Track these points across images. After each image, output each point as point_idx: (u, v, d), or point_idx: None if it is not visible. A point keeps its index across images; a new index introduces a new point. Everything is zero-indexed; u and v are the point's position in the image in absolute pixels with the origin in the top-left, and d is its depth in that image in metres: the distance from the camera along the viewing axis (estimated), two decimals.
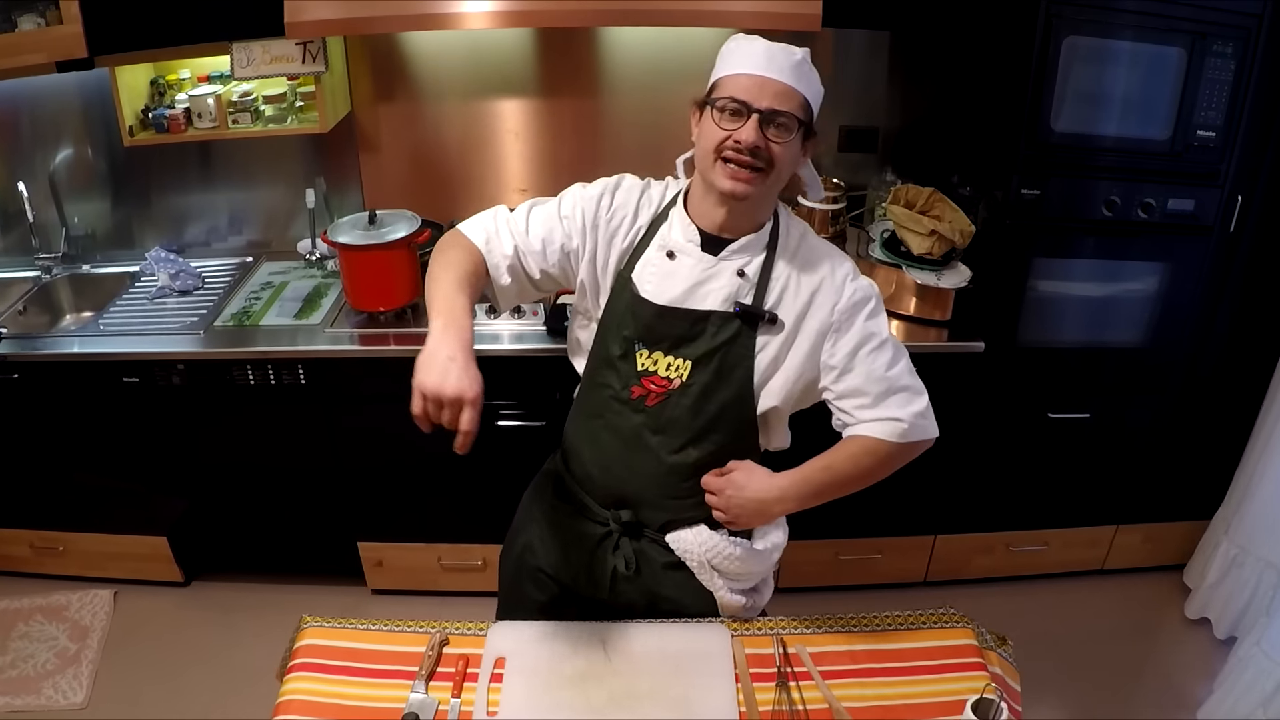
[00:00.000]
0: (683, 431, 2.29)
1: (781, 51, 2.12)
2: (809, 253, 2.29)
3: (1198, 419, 3.93)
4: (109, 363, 3.63)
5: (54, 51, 3.46)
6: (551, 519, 2.53)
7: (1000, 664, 2.32)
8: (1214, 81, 3.27)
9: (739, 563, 2.39)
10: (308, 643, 2.31)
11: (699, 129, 2.20)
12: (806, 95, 2.15)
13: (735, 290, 2.23)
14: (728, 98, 2.10)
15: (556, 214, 2.30)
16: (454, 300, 2.09)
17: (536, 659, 2.22)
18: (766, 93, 2.08)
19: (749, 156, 2.09)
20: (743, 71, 2.11)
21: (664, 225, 2.28)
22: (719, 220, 2.22)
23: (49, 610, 4.11)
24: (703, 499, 2.36)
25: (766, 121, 2.08)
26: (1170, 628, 4.10)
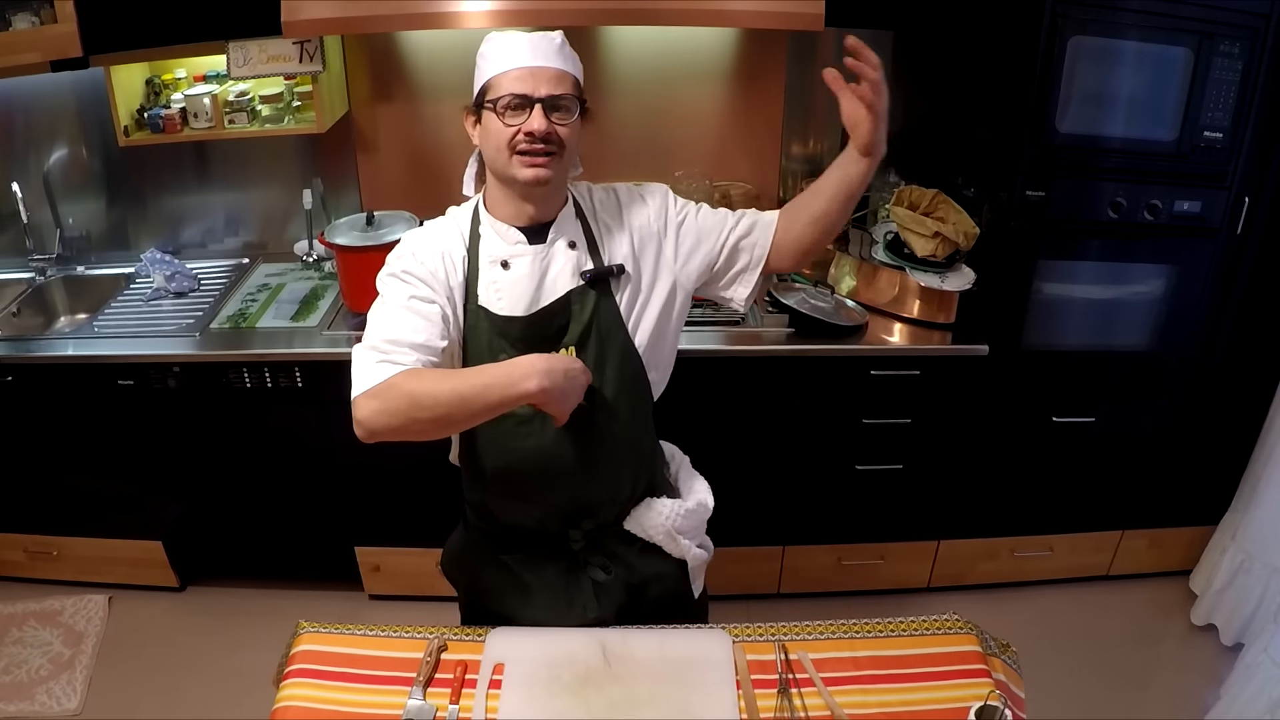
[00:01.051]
0: (597, 411, 2.30)
1: (542, 40, 2.19)
2: (602, 200, 2.40)
3: (1204, 423, 3.93)
4: (104, 365, 3.64)
5: (48, 51, 3.47)
6: (505, 581, 2.50)
7: (1004, 670, 2.32)
8: (1221, 82, 3.27)
9: (693, 515, 2.49)
10: (304, 648, 2.30)
11: (480, 133, 2.27)
12: (574, 74, 2.22)
13: (575, 263, 2.29)
14: (508, 95, 2.15)
15: (403, 297, 2.21)
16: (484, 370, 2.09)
17: (535, 665, 2.22)
18: (541, 81, 2.15)
19: (541, 144, 2.14)
20: (512, 67, 2.17)
21: (481, 244, 2.31)
22: (531, 212, 2.27)
23: (43, 615, 4.11)
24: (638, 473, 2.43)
25: (550, 108, 2.15)
26: (1176, 634, 4.10)
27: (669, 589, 2.52)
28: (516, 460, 2.33)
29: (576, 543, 2.42)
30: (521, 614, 2.46)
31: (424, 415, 2.04)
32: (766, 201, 4.24)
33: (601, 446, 2.33)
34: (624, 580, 2.46)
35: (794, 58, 4.05)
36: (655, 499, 2.45)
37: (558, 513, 2.40)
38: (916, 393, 3.69)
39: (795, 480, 3.85)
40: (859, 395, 3.68)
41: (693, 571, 2.56)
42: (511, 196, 2.27)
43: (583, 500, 2.38)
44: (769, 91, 4.11)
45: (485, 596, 2.54)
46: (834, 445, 3.81)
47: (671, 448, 2.70)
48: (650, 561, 2.49)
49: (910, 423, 3.76)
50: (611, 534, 2.45)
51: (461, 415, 2.06)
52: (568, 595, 2.45)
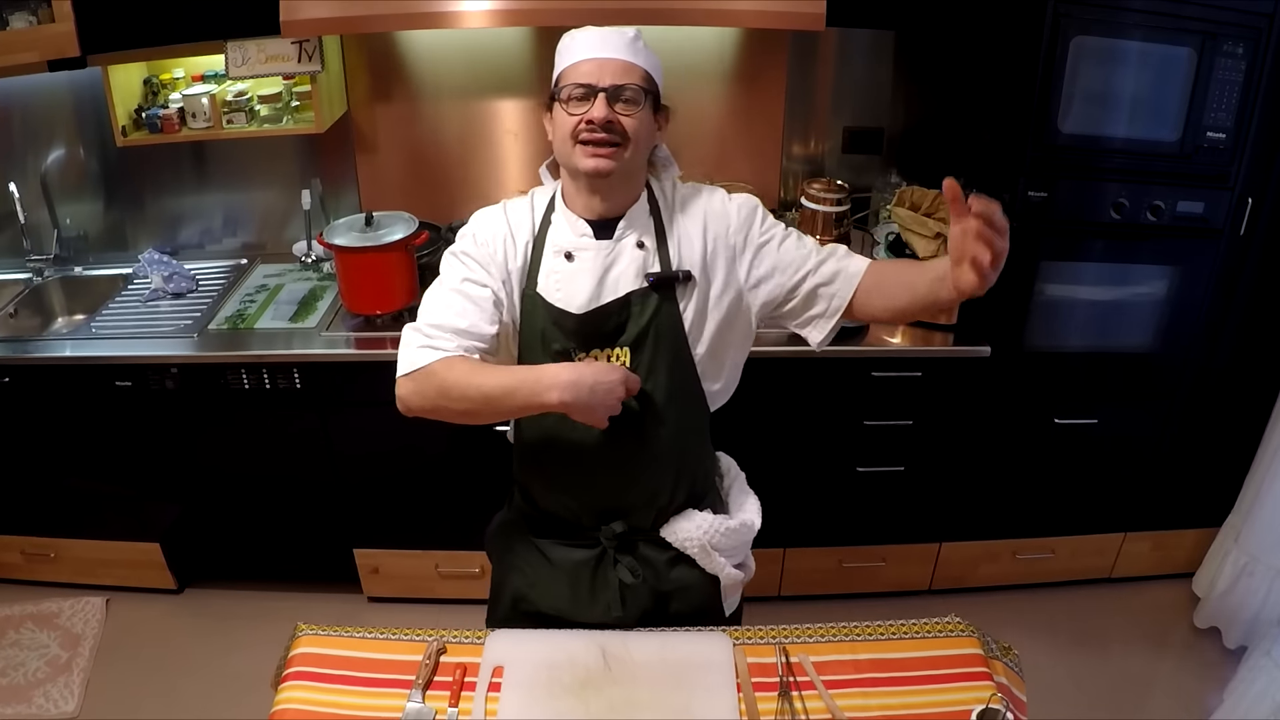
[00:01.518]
0: (645, 416, 2.29)
1: (614, 33, 2.22)
2: (684, 199, 2.36)
3: (1207, 425, 3.93)
4: (101, 366, 3.64)
5: (46, 50, 3.47)
6: (535, 561, 2.51)
7: (1006, 674, 2.32)
8: (1224, 82, 3.27)
9: (734, 534, 2.44)
10: (303, 651, 2.30)
11: (552, 125, 2.26)
12: (646, 68, 2.22)
13: (641, 263, 2.26)
14: (572, 84, 2.17)
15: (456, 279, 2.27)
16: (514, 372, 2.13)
17: (535, 668, 2.22)
18: (607, 71, 2.16)
19: (603, 133, 2.14)
20: (581, 59, 2.19)
21: (550, 231, 2.31)
22: (598, 206, 2.26)
23: (40, 618, 4.11)
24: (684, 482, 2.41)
25: (613, 97, 2.15)
26: (1179, 637, 4.10)
27: (697, 603, 2.48)
28: (559, 451, 2.34)
29: (609, 540, 2.41)
30: (546, 599, 2.48)
31: (454, 406, 2.14)
32: (767, 202, 4.23)
33: (645, 451, 2.32)
34: (651, 586, 2.45)
35: (795, 58, 4.05)
36: (697, 511, 2.42)
37: (593, 508, 2.40)
38: (918, 394, 3.69)
39: (796, 482, 3.85)
40: (860, 397, 3.68)
41: (726, 589, 2.52)
42: (580, 189, 2.27)
43: (619, 500, 2.38)
44: (770, 92, 4.11)
45: (514, 574, 2.55)
46: (835, 447, 3.81)
47: (728, 461, 2.68)
48: (681, 572, 2.46)
49: (912, 424, 3.76)
50: (645, 538, 2.44)
51: (488, 412, 2.14)
52: (593, 590, 2.44)
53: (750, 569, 2.59)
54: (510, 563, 2.57)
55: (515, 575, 2.54)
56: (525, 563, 2.52)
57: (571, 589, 2.45)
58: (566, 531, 2.45)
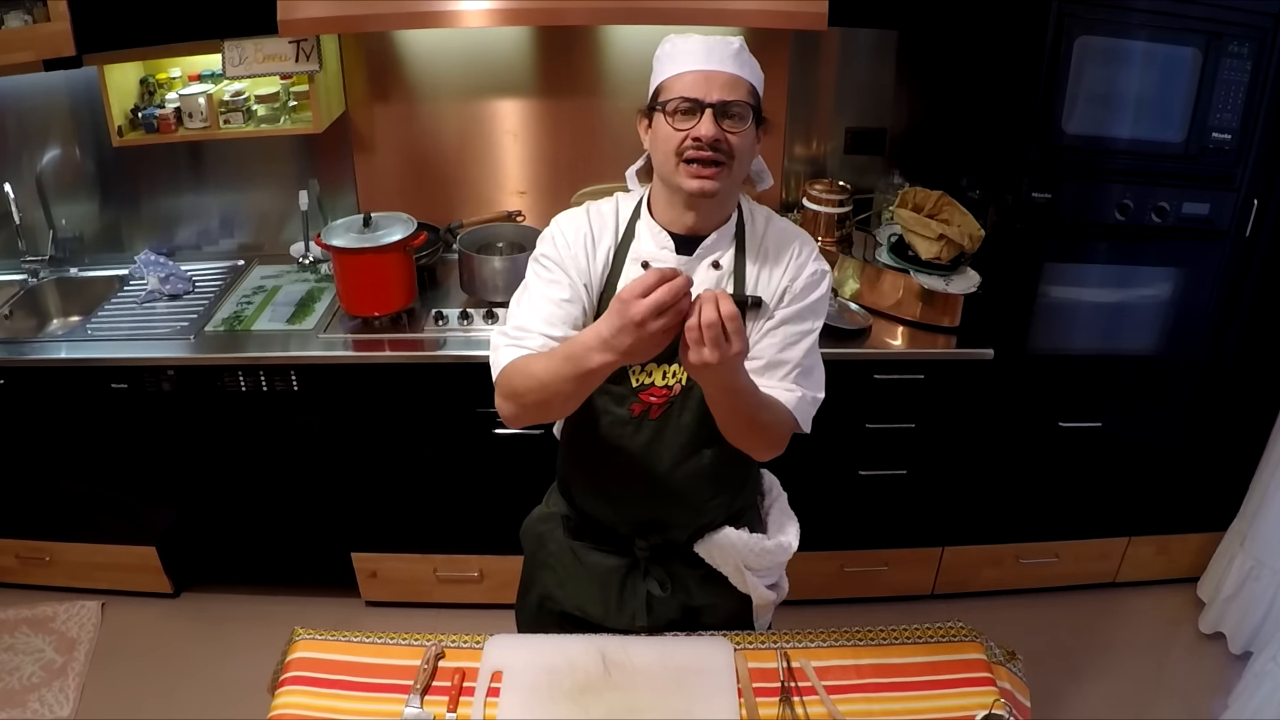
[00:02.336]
0: (693, 436, 2.28)
1: (720, 43, 2.14)
2: (777, 233, 2.31)
3: (1212, 428, 3.93)
4: (97, 368, 3.64)
5: (41, 49, 3.47)
6: (567, 561, 2.51)
7: (1009, 679, 2.32)
8: (1229, 83, 3.27)
9: (769, 555, 2.43)
10: (300, 656, 2.30)
11: (651, 136, 2.20)
12: (752, 81, 2.17)
13: (715, 283, 2.23)
14: (678, 98, 2.10)
15: (538, 284, 2.25)
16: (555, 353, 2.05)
17: (534, 673, 2.22)
18: (715, 85, 2.09)
19: (710, 151, 2.08)
20: (686, 70, 2.11)
21: (633, 240, 2.28)
22: (690, 222, 2.22)
23: (35, 622, 4.11)
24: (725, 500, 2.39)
25: (721, 114, 2.09)
26: (1184, 642, 4.10)
27: (725, 621, 2.47)
28: (603, 457, 2.33)
29: (641, 550, 2.41)
30: (573, 600, 2.49)
31: (527, 402, 2.11)
32: (768, 203, 4.22)
33: (689, 467, 2.31)
34: (680, 600, 2.45)
35: (797, 57, 4.05)
36: (734, 529, 2.40)
37: (632, 518, 2.39)
38: (921, 397, 3.69)
39: (797, 485, 3.84)
40: (862, 400, 3.68)
41: (757, 609, 2.52)
42: (674, 202, 2.21)
43: (658, 513, 2.37)
44: (771, 92, 4.05)
45: (544, 571, 2.56)
46: (837, 450, 3.81)
47: (771, 480, 2.67)
48: (711, 590, 2.46)
49: (914, 428, 3.76)
50: (679, 553, 2.43)
51: (554, 399, 2.07)
52: (621, 597, 2.44)
53: (783, 590, 2.58)
54: (542, 559, 2.57)
55: (545, 573, 2.55)
56: (557, 561, 2.53)
57: (600, 594, 2.45)
58: (602, 536, 2.45)
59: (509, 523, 2.74)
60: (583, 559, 2.48)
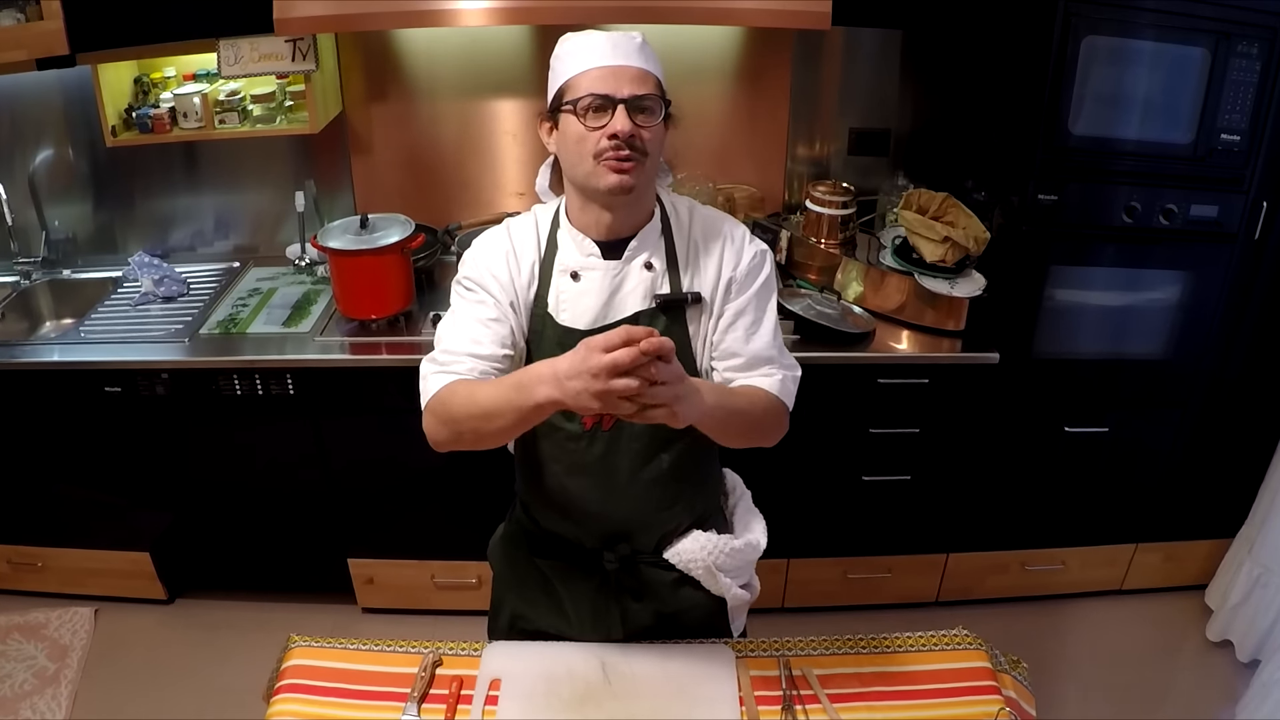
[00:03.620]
0: (649, 444, 2.27)
1: (624, 39, 2.14)
2: (704, 223, 2.30)
3: (1220, 433, 3.93)
4: (90, 372, 3.64)
5: (34, 48, 3.48)
6: (535, 580, 2.51)
7: (1014, 687, 2.32)
8: (1239, 83, 3.27)
9: (739, 554, 2.42)
10: (295, 663, 2.31)
11: (559, 139, 2.19)
12: (656, 74, 2.16)
13: (650, 284, 2.22)
14: (588, 95, 2.07)
15: (464, 306, 2.23)
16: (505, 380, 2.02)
17: (533, 681, 2.22)
18: (624, 80, 2.08)
19: (626, 149, 2.06)
20: (591, 66, 2.10)
21: (557, 252, 2.25)
22: (609, 223, 2.20)
23: (27, 628, 4.11)
24: (688, 503, 2.39)
25: (633, 109, 2.07)
26: (1191, 650, 4.10)
27: (703, 624, 2.47)
28: (560, 472, 2.32)
29: (610, 564, 2.40)
30: (546, 619, 2.48)
31: (464, 429, 2.06)
32: (771, 205, 4.24)
33: (647, 475, 2.30)
34: (655, 609, 2.44)
35: (800, 57, 4.06)
36: (701, 531, 2.40)
37: (595, 532, 2.38)
38: (925, 402, 3.69)
39: (800, 491, 3.85)
40: (866, 404, 3.68)
41: (732, 611, 2.51)
42: (590, 205, 2.19)
43: (622, 524, 2.37)
44: (774, 92, 4.11)
45: (513, 593, 2.55)
46: (840, 455, 3.81)
47: (734, 479, 2.66)
48: (686, 594, 2.45)
49: (918, 432, 3.76)
50: (649, 561, 2.42)
51: (494, 430, 2.03)
52: (594, 614, 2.44)
53: (755, 589, 2.57)
54: (509, 580, 2.57)
55: (514, 594, 2.55)
56: (524, 583, 2.52)
57: (574, 611, 2.45)
58: (568, 553, 2.44)
59: None
60: (552, 580, 2.47)
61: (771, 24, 3.55)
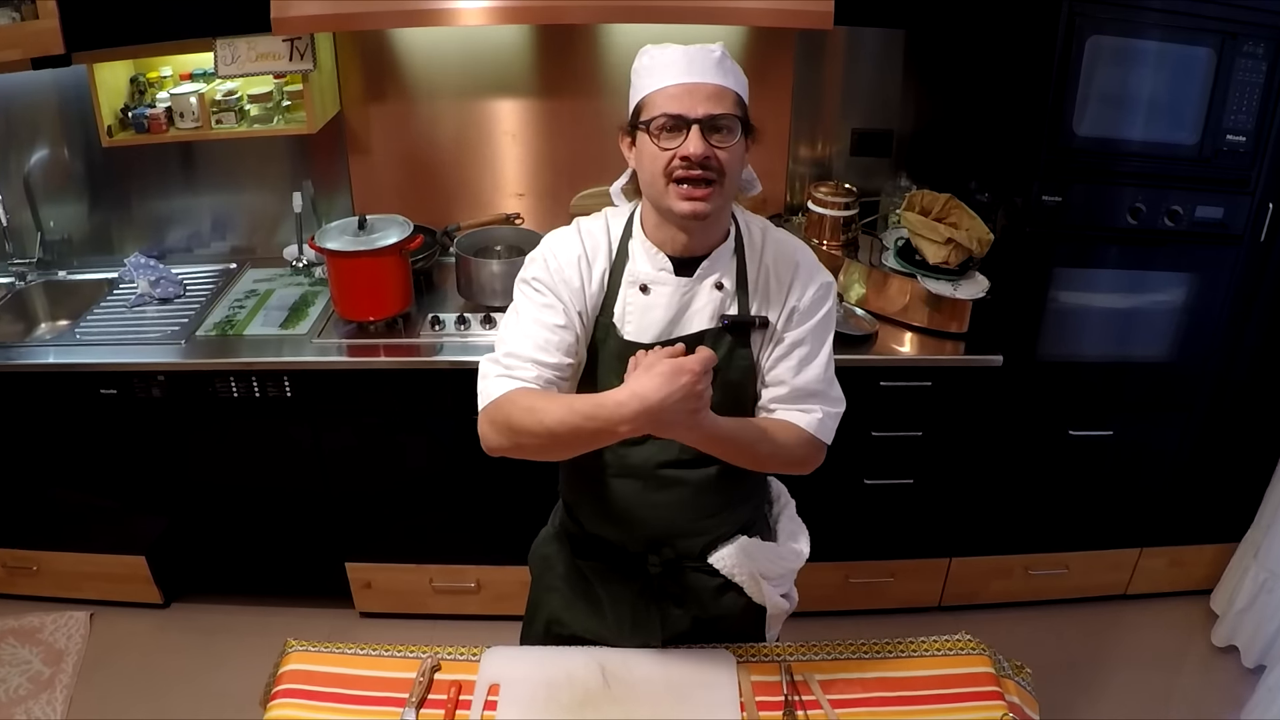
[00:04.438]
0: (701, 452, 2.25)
1: (700, 53, 2.08)
2: (776, 247, 2.27)
3: (1226, 437, 3.93)
4: (86, 374, 3.64)
5: (29, 48, 3.47)
6: (575, 583, 2.51)
7: (1018, 693, 2.32)
8: (1245, 84, 3.27)
9: (783, 562, 2.45)
10: (293, 668, 2.31)
11: (635, 155, 2.17)
12: (737, 90, 2.11)
13: (718, 304, 2.21)
14: (661, 115, 2.05)
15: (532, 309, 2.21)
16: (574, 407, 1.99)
17: (533, 686, 2.22)
18: (699, 98, 2.04)
19: (699, 170, 2.04)
20: (667, 84, 2.06)
21: (628, 261, 2.24)
22: (684, 242, 2.18)
23: (22, 632, 4.11)
24: (735, 510, 2.40)
25: (708, 129, 2.04)
26: (1196, 655, 4.10)
27: (740, 633, 2.47)
28: (610, 476, 2.33)
29: (654, 567, 2.41)
30: (582, 622, 2.48)
31: (525, 444, 2.05)
32: (772, 206, 4.24)
33: (698, 485, 2.31)
34: (694, 615, 2.44)
35: (802, 57, 4.06)
36: (747, 538, 2.41)
37: (640, 536, 2.38)
38: (928, 405, 3.69)
39: (801, 495, 3.84)
40: (868, 407, 3.67)
41: (770, 619, 2.52)
42: (666, 223, 2.17)
43: (667, 530, 2.36)
44: (776, 92, 4.11)
45: (552, 595, 2.55)
46: (842, 459, 3.79)
47: (779, 487, 2.67)
48: (726, 602, 2.45)
49: (921, 436, 3.76)
50: (692, 566, 2.42)
51: (559, 449, 2.05)
52: (634, 618, 2.44)
53: (794, 599, 2.58)
54: (549, 583, 2.57)
55: (553, 596, 2.54)
56: (565, 583, 2.52)
57: (613, 616, 2.45)
58: (611, 556, 2.44)
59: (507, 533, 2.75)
60: (592, 579, 2.48)
61: (773, 24, 3.55)
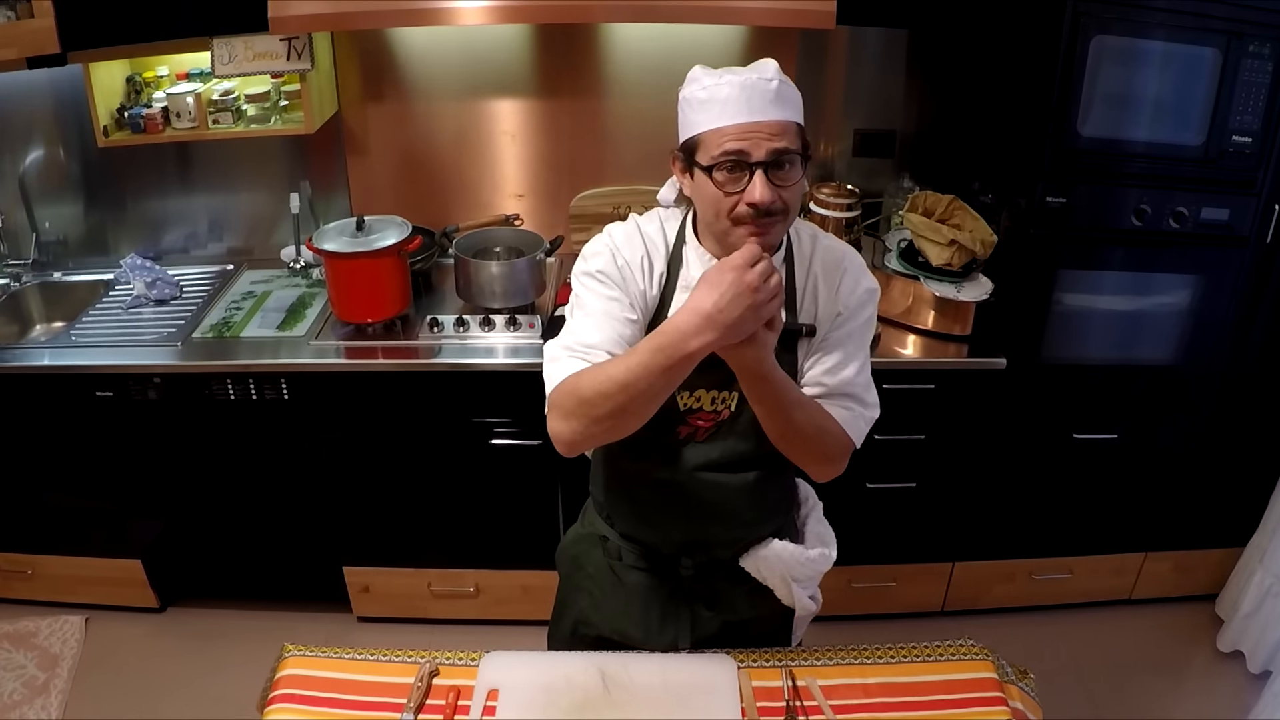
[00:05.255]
0: (741, 457, 2.28)
1: (759, 86, 2.00)
2: (825, 254, 2.25)
3: (1231, 440, 3.93)
4: (81, 376, 3.64)
5: (25, 46, 3.47)
6: (604, 583, 2.52)
7: (1021, 698, 2.32)
8: (1251, 84, 3.27)
9: (812, 565, 2.45)
10: (290, 673, 2.31)
11: (694, 189, 2.10)
12: (797, 120, 2.05)
13: None
14: (722, 156, 1.98)
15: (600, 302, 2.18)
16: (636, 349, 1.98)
17: (532, 691, 2.22)
18: (761, 138, 1.97)
19: (766, 216, 1.98)
20: (726, 124, 1.99)
21: (682, 267, 2.21)
22: None
23: (16, 637, 4.11)
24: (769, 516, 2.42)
25: (772, 168, 1.97)
26: (1201, 661, 4.10)
27: (767, 635, 2.49)
28: (648, 481, 2.33)
29: (687, 570, 2.42)
30: (611, 622, 2.50)
31: (599, 412, 1.99)
32: None
33: (734, 490, 2.31)
34: (724, 619, 2.46)
35: (804, 57, 4.05)
36: (777, 541, 2.41)
37: (674, 539, 2.40)
38: (931, 408, 3.69)
39: None
40: None
41: (797, 621, 2.54)
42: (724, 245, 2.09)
43: (702, 534, 2.37)
44: None
45: (580, 595, 2.56)
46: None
47: (806, 490, 2.65)
48: (756, 604, 2.47)
49: (924, 439, 3.76)
50: (723, 570, 2.43)
51: (637, 402, 1.97)
52: (663, 619, 2.46)
53: (819, 600, 2.59)
54: (578, 582, 2.58)
55: (582, 596, 2.56)
56: (595, 583, 2.53)
57: (642, 616, 2.46)
58: (643, 557, 2.46)
59: (506, 536, 2.75)
60: (624, 579, 2.48)
61: (775, 23, 3.55)
